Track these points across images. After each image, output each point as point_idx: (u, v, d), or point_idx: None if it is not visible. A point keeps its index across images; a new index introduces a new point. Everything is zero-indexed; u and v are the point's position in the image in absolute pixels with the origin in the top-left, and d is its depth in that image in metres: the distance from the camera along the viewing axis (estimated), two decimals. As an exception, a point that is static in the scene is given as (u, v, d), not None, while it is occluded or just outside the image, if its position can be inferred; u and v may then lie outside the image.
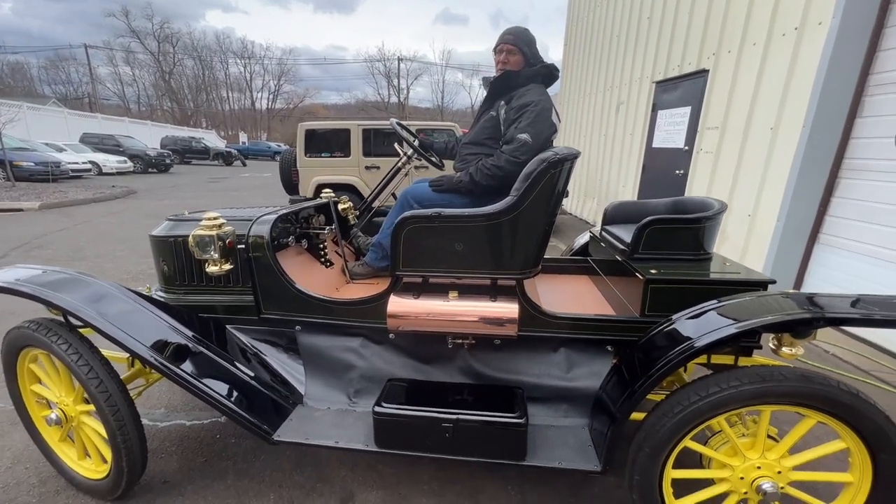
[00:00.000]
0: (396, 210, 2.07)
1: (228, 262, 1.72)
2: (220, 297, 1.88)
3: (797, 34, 3.37)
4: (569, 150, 1.44)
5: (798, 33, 3.37)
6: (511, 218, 1.47)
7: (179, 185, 13.70)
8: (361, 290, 2.11)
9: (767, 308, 1.25)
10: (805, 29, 3.32)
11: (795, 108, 3.38)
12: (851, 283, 3.26)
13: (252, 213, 1.95)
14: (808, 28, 3.30)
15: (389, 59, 47.27)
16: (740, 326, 1.18)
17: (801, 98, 3.32)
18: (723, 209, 1.71)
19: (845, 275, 3.32)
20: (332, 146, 6.16)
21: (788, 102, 3.46)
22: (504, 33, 2.04)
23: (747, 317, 1.22)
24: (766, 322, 1.17)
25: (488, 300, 1.54)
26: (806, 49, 3.31)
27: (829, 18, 3.12)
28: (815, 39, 3.23)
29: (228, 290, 1.87)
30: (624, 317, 1.64)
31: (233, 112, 51.51)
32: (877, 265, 3.09)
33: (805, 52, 3.32)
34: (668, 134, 5.25)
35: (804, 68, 3.31)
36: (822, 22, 3.18)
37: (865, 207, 3.18)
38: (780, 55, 3.55)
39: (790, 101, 3.44)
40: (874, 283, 3.11)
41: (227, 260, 1.71)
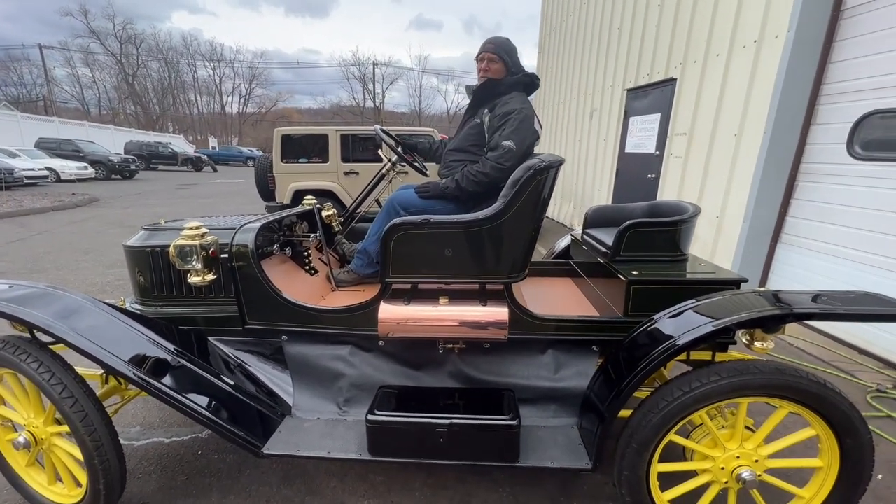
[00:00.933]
0: (383, 217, 2.08)
1: (211, 272, 1.68)
2: (201, 309, 1.83)
3: (756, 46, 3.59)
4: (554, 158, 1.49)
5: (757, 46, 3.58)
6: (499, 223, 1.50)
7: (146, 192, 13.16)
8: (348, 297, 2.09)
9: (741, 306, 1.32)
10: (763, 42, 3.54)
11: (756, 115, 3.59)
12: (812, 279, 3.48)
13: (234, 222, 1.91)
14: (766, 41, 3.52)
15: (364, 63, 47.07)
16: (717, 324, 1.24)
17: (762, 106, 3.53)
18: (696, 212, 1.80)
19: (806, 272, 3.53)
20: (310, 151, 6.08)
21: (750, 110, 3.67)
22: (486, 42, 2.08)
23: (723, 315, 1.29)
24: (740, 319, 1.24)
25: (478, 305, 1.57)
26: (764, 60, 3.53)
27: (784, 32, 3.34)
28: (772, 51, 3.45)
29: (211, 301, 1.82)
30: (608, 317, 1.70)
31: (202, 116, 49.95)
32: (834, 262, 3.31)
33: (764, 64, 3.53)
34: (639, 140, 5.45)
35: (763, 78, 3.53)
36: (778, 35, 3.40)
37: (822, 208, 3.40)
38: (741, 66, 3.76)
39: (752, 108, 3.65)
40: (832, 278, 3.33)
41: (211, 270, 1.67)
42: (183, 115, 48.76)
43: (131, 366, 1.42)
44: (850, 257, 3.20)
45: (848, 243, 3.21)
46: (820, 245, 3.41)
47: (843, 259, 3.26)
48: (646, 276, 1.62)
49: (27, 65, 37.72)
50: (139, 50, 43.30)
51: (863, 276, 3.10)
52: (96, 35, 40.63)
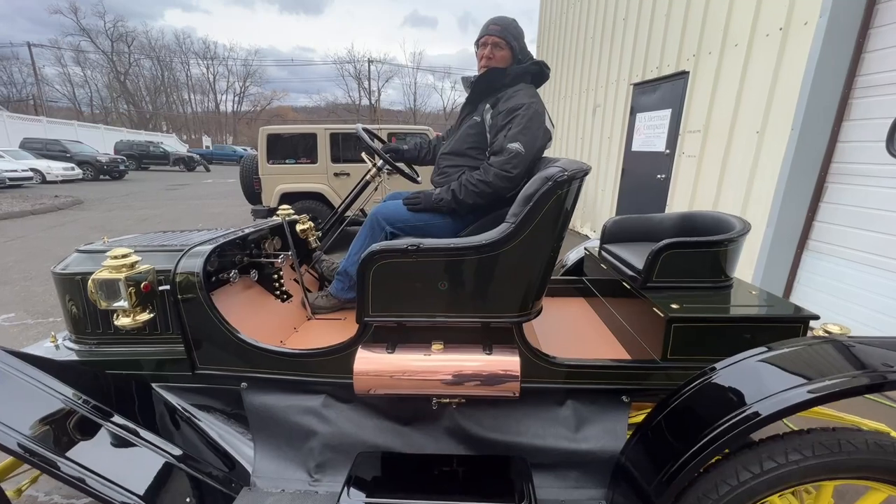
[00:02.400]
0: (365, 233, 1.75)
1: (147, 310, 1.34)
2: (143, 349, 1.50)
3: (782, 35, 3.26)
4: (578, 166, 1.16)
5: (783, 34, 3.26)
6: (509, 249, 1.17)
7: (134, 193, 12.76)
8: (325, 328, 1.76)
9: (831, 361, 1.00)
10: (790, 29, 3.21)
11: (783, 110, 3.27)
12: (843, 290, 3.17)
13: (186, 240, 1.58)
14: (793, 28, 3.19)
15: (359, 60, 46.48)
16: (817, 391, 0.92)
17: (789, 100, 3.20)
18: (746, 230, 1.48)
19: (837, 282, 3.22)
20: (298, 152, 5.72)
21: (775, 105, 3.34)
22: (489, 23, 1.74)
23: (813, 373, 0.97)
24: (847, 386, 0.91)
25: (481, 352, 1.24)
26: (792, 50, 3.20)
27: (815, 18, 3.01)
28: (801, 40, 3.12)
29: (153, 340, 1.49)
30: (642, 361, 1.37)
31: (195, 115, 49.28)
32: (870, 273, 3.00)
33: (791, 53, 3.21)
34: (647, 137, 5.12)
35: (790, 70, 3.20)
36: (808, 22, 3.07)
37: (854, 213, 3.08)
38: (764, 56, 3.44)
39: (777, 103, 3.32)
40: (867, 290, 3.02)
41: (146, 307, 1.34)
42: (176, 114, 48.10)
43: (29, 440, 1.08)
44: (889, 268, 2.89)
45: (887, 252, 2.90)
46: (853, 253, 3.10)
47: (880, 269, 2.95)
48: (690, 313, 1.29)
49: (16, 63, 37.01)
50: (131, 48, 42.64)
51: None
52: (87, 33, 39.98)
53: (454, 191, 1.61)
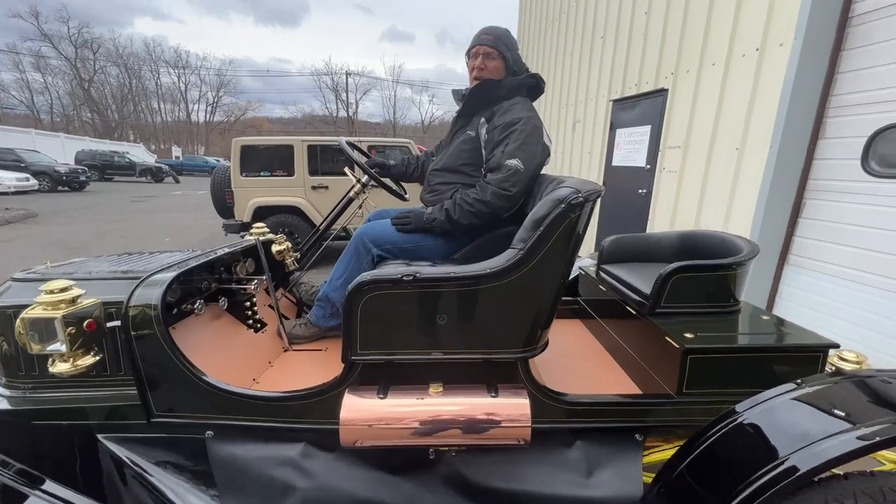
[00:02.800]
0: (349, 256, 1.59)
1: (91, 352, 1.14)
2: (87, 394, 1.28)
3: (758, 55, 3.35)
4: (591, 186, 1.06)
5: (759, 54, 3.34)
6: (516, 278, 1.05)
7: (95, 205, 12.05)
8: (305, 361, 1.59)
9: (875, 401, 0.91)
10: (766, 50, 3.30)
11: (761, 128, 3.33)
12: (823, 304, 3.21)
13: (146, 265, 1.39)
14: (768, 49, 3.28)
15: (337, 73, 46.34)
16: (868, 437, 0.82)
17: (767, 118, 3.27)
18: (755, 252, 1.41)
19: (817, 296, 3.26)
20: (274, 164, 5.50)
21: (753, 123, 3.41)
22: (480, 33, 1.65)
23: (859, 416, 0.87)
24: (895, 435, 0.82)
25: (486, 394, 1.10)
26: (768, 70, 3.28)
27: (790, 40, 3.10)
28: (776, 60, 3.20)
29: (100, 384, 1.28)
30: (656, 396, 1.27)
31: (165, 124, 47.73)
32: (848, 287, 3.04)
33: (767, 73, 3.29)
34: (627, 153, 5.18)
35: (768, 89, 3.28)
36: (783, 43, 3.16)
37: (833, 228, 3.14)
38: (741, 76, 3.52)
39: (755, 121, 3.39)
40: (847, 304, 3.06)
41: (90, 349, 1.14)
42: (144, 124, 46.44)
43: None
44: (866, 282, 2.94)
45: (864, 266, 2.95)
46: (832, 268, 3.15)
47: (858, 283, 3.00)
48: (707, 343, 1.20)
49: (-32, 68, 34.97)
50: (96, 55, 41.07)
51: (883, 303, 2.84)
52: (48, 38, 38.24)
53: (448, 210, 1.49)
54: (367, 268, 1.58)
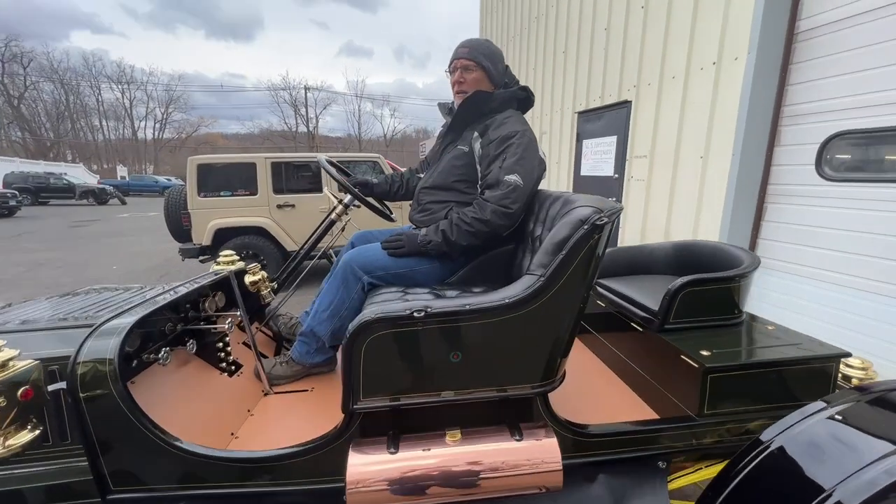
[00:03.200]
0: (336, 285, 1.45)
1: (28, 426, 0.93)
2: (24, 472, 1.06)
3: (716, 68, 3.52)
4: (610, 205, 0.99)
5: (716, 67, 3.51)
6: (537, 306, 0.96)
7: (29, 232, 10.95)
8: (290, 406, 1.41)
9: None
10: (722, 63, 3.48)
11: (723, 137, 3.48)
12: (790, 302, 3.36)
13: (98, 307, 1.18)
14: (725, 63, 3.46)
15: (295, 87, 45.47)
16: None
17: (728, 128, 3.42)
18: (757, 262, 1.40)
19: (783, 295, 3.41)
20: (234, 183, 5.19)
21: (715, 132, 3.56)
22: (458, 47, 1.58)
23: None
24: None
25: (508, 436, 0.99)
26: (726, 82, 3.45)
27: (744, 54, 3.28)
28: (733, 73, 3.38)
29: (41, 457, 1.06)
30: (678, 420, 1.21)
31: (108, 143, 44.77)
32: (811, 285, 3.20)
33: (725, 85, 3.46)
34: (595, 162, 5.31)
35: (727, 100, 3.44)
36: (738, 57, 3.34)
37: (793, 230, 3.31)
38: (701, 88, 3.68)
39: (717, 130, 3.55)
40: (812, 302, 3.21)
41: (26, 423, 0.93)
42: (85, 142, 43.34)
43: None
44: (828, 279, 3.10)
45: (825, 265, 3.12)
46: (795, 267, 3.31)
47: (820, 281, 3.16)
48: (725, 360, 1.16)
49: None
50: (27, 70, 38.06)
51: (843, 299, 3.00)
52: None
53: (444, 231, 1.38)
54: (357, 297, 1.44)
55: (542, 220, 1.32)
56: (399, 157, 40.65)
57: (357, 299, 1.44)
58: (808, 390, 1.20)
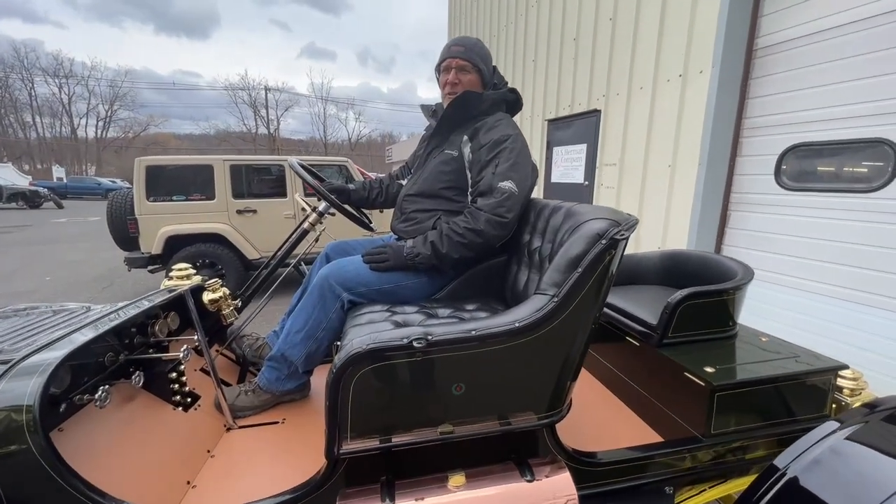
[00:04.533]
0: (311, 303, 1.29)
1: None
2: None
3: (682, 81, 3.64)
4: (625, 217, 0.91)
5: (682, 80, 3.63)
6: (550, 330, 0.86)
7: (-57, 239, 9.72)
8: (257, 442, 1.24)
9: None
10: (688, 76, 3.60)
11: (689, 147, 3.60)
12: (756, 307, 3.49)
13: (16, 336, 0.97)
14: (690, 75, 3.58)
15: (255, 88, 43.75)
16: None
17: (694, 138, 3.54)
18: (750, 274, 1.39)
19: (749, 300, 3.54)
20: (189, 187, 4.80)
21: (682, 141, 3.68)
22: (451, 45, 1.48)
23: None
24: None
25: (517, 476, 0.88)
26: (691, 94, 3.57)
27: (708, 68, 3.40)
28: (698, 86, 3.50)
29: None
30: (684, 442, 1.15)
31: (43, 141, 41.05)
32: (774, 290, 3.35)
33: (691, 97, 3.58)
34: (566, 169, 5.38)
35: (693, 111, 3.56)
36: (702, 70, 3.46)
37: (755, 237, 3.46)
38: (668, 99, 3.80)
39: (684, 140, 3.66)
40: (773, 306, 3.36)
41: None
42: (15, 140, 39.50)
43: None
44: (789, 284, 3.26)
45: (786, 271, 3.27)
46: (757, 273, 3.45)
47: (782, 286, 3.31)
48: (732, 377, 1.11)
49: None
50: (-55, 59, 34.27)
51: (805, 303, 3.15)
52: None
53: (434, 243, 1.26)
54: (336, 316, 1.29)
55: (539, 230, 1.24)
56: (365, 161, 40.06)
57: (336, 319, 1.29)
58: (807, 404, 1.18)
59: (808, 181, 3.15)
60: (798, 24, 3.13)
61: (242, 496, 0.96)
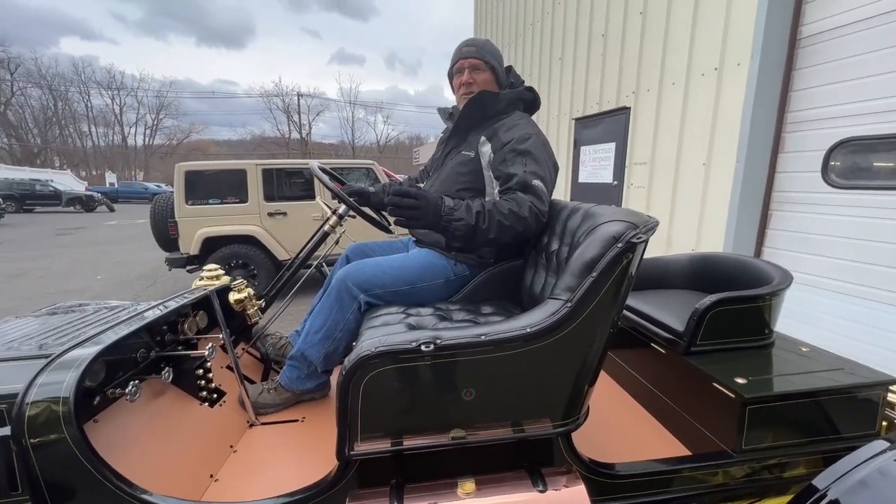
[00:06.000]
0: (329, 304, 1.31)
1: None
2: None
3: (717, 74, 3.46)
4: (644, 219, 0.87)
5: (718, 73, 3.46)
6: (563, 336, 0.83)
7: (11, 241, 10.63)
8: (277, 440, 1.27)
9: None
10: (724, 70, 3.42)
11: (726, 144, 3.42)
12: (798, 312, 3.27)
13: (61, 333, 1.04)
14: (727, 69, 3.40)
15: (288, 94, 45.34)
16: None
17: (731, 134, 3.36)
18: (789, 279, 1.30)
19: (791, 305, 3.31)
20: (224, 190, 5.02)
21: (718, 138, 3.50)
22: (461, 46, 1.47)
23: None
24: None
25: (529, 486, 0.86)
26: (728, 88, 3.39)
27: (747, 60, 3.22)
28: (736, 79, 3.32)
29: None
30: (712, 457, 1.08)
31: (97, 149, 44.16)
32: (818, 294, 3.12)
33: (728, 91, 3.40)
34: (594, 169, 5.24)
35: (729, 106, 3.38)
36: (740, 63, 3.28)
37: (799, 238, 3.24)
38: (702, 94, 3.62)
39: (720, 137, 3.48)
40: (818, 311, 3.13)
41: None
42: (73, 148, 42.71)
43: None
44: (834, 288, 3.03)
45: (831, 274, 3.05)
46: (803, 276, 3.23)
47: (826, 290, 3.08)
48: (765, 389, 1.04)
49: None
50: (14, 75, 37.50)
51: (855, 310, 2.92)
52: (-45, 57, 34.49)
53: (479, 213, 1.18)
54: (353, 317, 1.31)
55: (557, 233, 1.21)
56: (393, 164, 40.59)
57: (353, 320, 1.31)
58: (853, 421, 1.09)
59: (860, 178, 2.88)
60: (848, 9, 2.91)
61: (261, 491, 0.99)
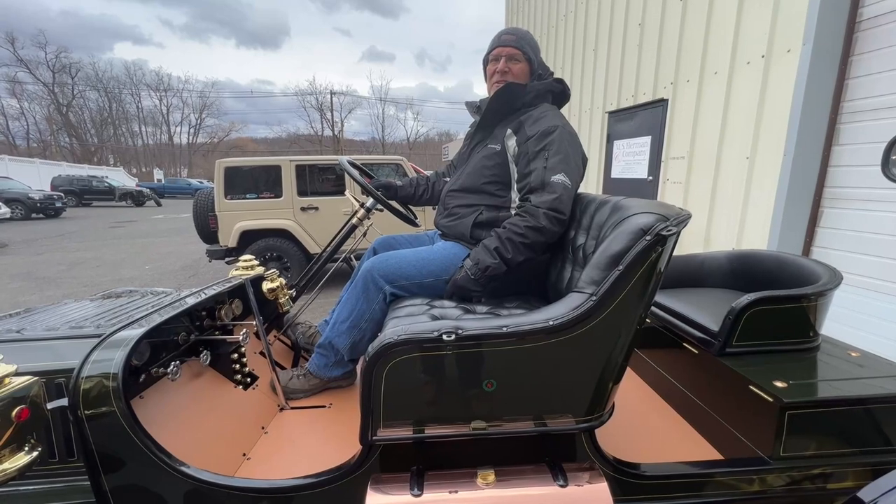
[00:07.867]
0: (356, 294, 1.34)
1: (25, 447, 0.86)
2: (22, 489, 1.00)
3: (764, 62, 3.26)
4: (675, 211, 0.84)
5: (765, 61, 3.25)
6: (587, 329, 0.82)
7: (71, 232, 11.52)
8: (305, 424, 1.32)
9: None
10: (772, 57, 3.21)
11: (772, 136, 3.22)
12: (848, 316, 3.05)
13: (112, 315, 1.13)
14: (775, 56, 3.19)
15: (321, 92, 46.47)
16: None
17: (778, 126, 3.15)
18: (838, 278, 1.21)
19: (840, 308, 3.10)
20: (260, 185, 5.23)
21: (763, 131, 3.30)
22: (501, 34, 1.46)
23: None
24: None
25: (549, 479, 0.85)
26: (776, 77, 3.19)
27: (798, 46, 3.01)
28: (785, 67, 3.11)
29: (41, 473, 1.00)
30: (746, 462, 1.03)
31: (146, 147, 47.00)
32: (874, 298, 2.89)
33: (776, 80, 3.19)
34: (627, 164, 5.07)
35: (777, 96, 3.17)
36: (791, 49, 3.07)
37: (854, 237, 3.01)
38: (747, 83, 3.42)
39: (765, 129, 3.28)
40: (869, 315, 2.91)
41: (23, 444, 0.86)
42: (125, 147, 45.67)
43: None
44: (891, 291, 2.80)
45: (888, 276, 2.81)
46: (855, 279, 3.00)
47: (884, 294, 2.85)
48: (806, 395, 0.98)
49: (-62, 95, 34.00)
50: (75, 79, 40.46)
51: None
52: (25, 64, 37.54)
53: (499, 250, 1.22)
54: (379, 308, 1.34)
55: (585, 227, 1.18)
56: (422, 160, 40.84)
57: (378, 310, 1.33)
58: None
59: (926, 172, 2.67)
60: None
61: (289, 471, 1.03)
